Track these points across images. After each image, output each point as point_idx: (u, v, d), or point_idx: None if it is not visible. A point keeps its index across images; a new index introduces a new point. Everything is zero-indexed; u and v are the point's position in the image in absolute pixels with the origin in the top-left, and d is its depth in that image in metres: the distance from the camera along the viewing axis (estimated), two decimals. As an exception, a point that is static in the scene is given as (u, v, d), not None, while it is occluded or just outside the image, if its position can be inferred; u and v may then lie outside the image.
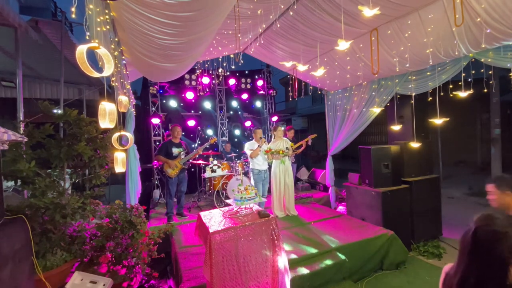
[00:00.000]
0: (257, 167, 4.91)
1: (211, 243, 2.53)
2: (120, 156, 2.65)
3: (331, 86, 5.97)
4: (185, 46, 3.09)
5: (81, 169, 2.60)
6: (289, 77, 8.11)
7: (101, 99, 2.32)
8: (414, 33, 3.52)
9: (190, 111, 7.97)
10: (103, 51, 1.66)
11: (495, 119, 7.60)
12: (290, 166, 5.08)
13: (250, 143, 5.00)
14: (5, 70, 4.87)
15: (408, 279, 3.48)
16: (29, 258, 1.77)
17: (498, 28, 2.89)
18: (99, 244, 2.47)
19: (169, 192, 4.93)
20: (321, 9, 3.49)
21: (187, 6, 2.18)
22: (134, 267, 2.47)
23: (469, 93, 3.52)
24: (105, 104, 2.04)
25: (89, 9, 1.76)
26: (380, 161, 4.33)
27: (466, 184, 8.17)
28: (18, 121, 2.81)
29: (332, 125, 6.09)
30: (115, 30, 2.68)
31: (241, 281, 2.61)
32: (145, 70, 4.21)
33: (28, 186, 2.17)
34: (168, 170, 4.83)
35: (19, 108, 3.22)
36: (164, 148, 4.92)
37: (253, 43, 4.67)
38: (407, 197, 4.34)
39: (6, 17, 2.76)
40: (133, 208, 2.82)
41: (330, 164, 6.04)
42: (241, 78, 8.47)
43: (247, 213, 3.02)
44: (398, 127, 4.54)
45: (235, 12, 3.27)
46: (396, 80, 4.59)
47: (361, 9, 2.33)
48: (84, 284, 2.10)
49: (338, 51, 4.03)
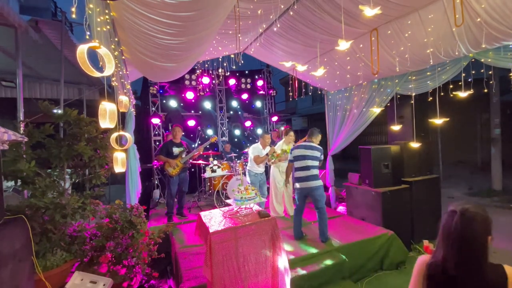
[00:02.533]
0: (255, 170, 4.89)
1: (211, 243, 2.53)
2: (120, 156, 2.64)
3: (331, 86, 5.97)
4: (186, 46, 3.09)
5: (81, 169, 2.60)
6: (289, 77, 8.10)
7: (101, 99, 2.32)
8: (414, 33, 3.52)
9: (190, 111, 7.97)
10: (104, 51, 1.66)
11: (495, 119, 7.59)
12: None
13: (256, 147, 4.89)
14: (5, 70, 4.86)
15: (408, 279, 3.44)
16: (29, 258, 1.77)
17: (498, 28, 2.89)
18: (99, 244, 2.47)
19: (170, 192, 4.92)
20: (321, 9, 3.49)
21: (187, 6, 2.18)
22: (134, 267, 2.47)
23: (469, 93, 3.52)
24: (105, 104, 2.04)
25: (89, 9, 1.76)
26: (380, 161, 4.33)
27: (466, 184, 8.17)
28: (18, 121, 2.81)
29: (332, 125, 6.09)
30: (115, 30, 2.68)
31: (241, 281, 2.61)
32: (145, 70, 4.21)
33: (28, 186, 2.17)
34: (169, 169, 4.83)
35: (19, 108, 3.22)
36: (165, 148, 4.93)
37: (253, 43, 4.67)
38: (407, 197, 4.34)
39: (6, 17, 2.75)
40: (133, 208, 2.82)
41: (330, 164, 6.04)
42: (241, 78, 8.47)
43: (247, 213, 3.02)
44: (398, 127, 4.54)
45: (235, 12, 3.27)
46: (396, 80, 4.59)
47: (362, 9, 2.33)
48: (84, 284, 2.10)
49: (338, 51, 4.03)
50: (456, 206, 1.19)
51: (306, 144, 3.97)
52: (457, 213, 1.16)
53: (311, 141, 3.99)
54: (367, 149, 4.44)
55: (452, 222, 1.16)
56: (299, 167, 3.87)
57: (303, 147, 3.95)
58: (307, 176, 3.80)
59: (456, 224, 1.15)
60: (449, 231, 1.17)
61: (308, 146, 3.92)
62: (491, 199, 6.77)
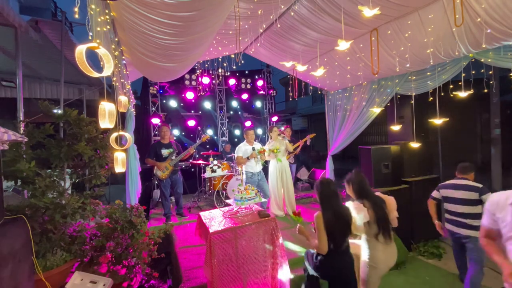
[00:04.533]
0: (250, 170, 4.62)
1: (211, 243, 2.53)
2: (120, 156, 2.65)
3: (331, 86, 5.97)
4: (186, 46, 3.09)
5: (81, 169, 2.60)
6: (289, 77, 8.11)
7: (101, 99, 2.32)
8: (414, 33, 3.52)
9: (190, 111, 7.97)
10: (103, 51, 1.66)
11: (495, 119, 7.59)
12: (287, 165, 5.05)
13: (240, 147, 4.61)
14: (5, 70, 4.87)
15: (408, 279, 3.48)
16: (29, 258, 1.77)
17: (498, 28, 2.89)
18: (99, 244, 2.47)
19: (164, 195, 4.79)
20: (321, 9, 3.49)
21: (187, 6, 2.18)
22: (134, 267, 2.47)
23: (469, 93, 3.53)
24: (105, 104, 2.04)
25: (91, 9, 1.76)
26: (380, 161, 4.33)
27: (466, 184, 8.15)
28: (18, 121, 2.81)
29: (332, 125, 6.09)
30: (115, 30, 2.68)
31: (241, 281, 2.61)
32: (145, 70, 4.21)
33: (28, 186, 2.16)
34: (158, 172, 4.63)
35: (19, 108, 3.22)
36: (153, 150, 4.69)
37: (253, 43, 4.67)
38: (407, 197, 4.34)
39: (6, 17, 2.75)
40: (133, 208, 2.82)
41: (330, 164, 6.04)
42: (241, 78, 8.47)
43: (247, 213, 3.02)
44: (398, 127, 4.54)
45: (235, 12, 3.27)
46: (396, 80, 4.59)
47: (361, 9, 2.33)
48: (84, 284, 2.09)
49: (338, 51, 4.03)
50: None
51: (457, 182, 3.13)
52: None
53: (464, 178, 3.13)
54: (367, 149, 4.44)
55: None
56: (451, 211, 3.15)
57: (452, 186, 3.14)
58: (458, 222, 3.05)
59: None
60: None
61: (460, 185, 3.08)
62: (491, 199, 6.76)
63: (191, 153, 5.10)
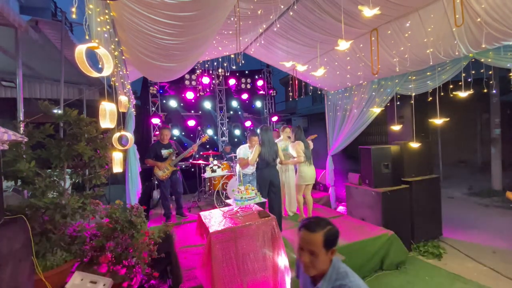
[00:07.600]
0: (243, 171, 4.91)
1: (211, 243, 2.53)
2: (117, 156, 2.65)
3: (331, 86, 5.97)
4: (186, 46, 3.09)
5: (81, 169, 2.60)
6: (289, 77, 8.11)
7: (101, 99, 2.32)
8: (414, 33, 3.52)
9: (190, 111, 7.98)
10: (103, 51, 1.66)
11: (495, 119, 7.60)
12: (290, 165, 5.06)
13: (242, 148, 4.93)
14: (5, 70, 4.86)
15: (408, 279, 3.48)
16: (29, 258, 1.77)
17: (498, 28, 2.89)
18: (99, 244, 2.47)
19: (164, 195, 4.84)
20: (321, 9, 3.49)
21: (188, 6, 2.18)
22: (134, 267, 2.47)
23: (469, 93, 3.52)
24: (105, 104, 2.04)
25: (89, 9, 1.76)
26: (380, 161, 4.33)
27: (466, 184, 8.17)
28: (18, 121, 2.80)
29: (332, 125, 6.09)
30: (115, 30, 2.68)
31: (241, 280, 2.61)
32: (145, 70, 4.21)
33: (28, 186, 2.16)
34: (159, 173, 4.67)
35: (19, 108, 3.21)
36: (153, 151, 4.75)
37: (253, 43, 4.67)
38: (407, 197, 4.34)
39: (6, 17, 2.75)
40: (133, 208, 2.82)
41: (330, 164, 6.04)
42: (241, 78, 8.47)
43: (247, 213, 3.02)
44: (398, 127, 4.54)
45: (235, 12, 3.27)
46: (396, 80, 4.59)
47: (361, 9, 2.33)
48: (84, 284, 2.10)
49: (338, 51, 4.03)
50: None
51: None
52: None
53: None
54: (367, 149, 4.44)
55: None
56: None
57: None
58: None
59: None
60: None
61: None
62: (491, 199, 6.77)
63: (195, 150, 5.16)
